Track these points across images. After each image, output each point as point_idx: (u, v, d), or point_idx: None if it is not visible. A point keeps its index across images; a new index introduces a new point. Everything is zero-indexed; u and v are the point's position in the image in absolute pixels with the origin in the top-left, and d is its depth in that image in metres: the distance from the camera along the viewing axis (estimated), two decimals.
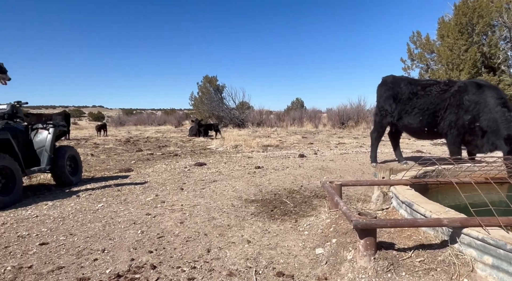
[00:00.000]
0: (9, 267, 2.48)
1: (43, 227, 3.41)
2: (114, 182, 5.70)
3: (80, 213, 3.89)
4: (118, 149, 11.54)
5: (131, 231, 3.25)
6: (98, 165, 8.00)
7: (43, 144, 5.30)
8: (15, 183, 4.43)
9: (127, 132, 21.79)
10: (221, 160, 8.38)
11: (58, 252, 2.76)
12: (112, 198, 4.57)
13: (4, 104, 5.05)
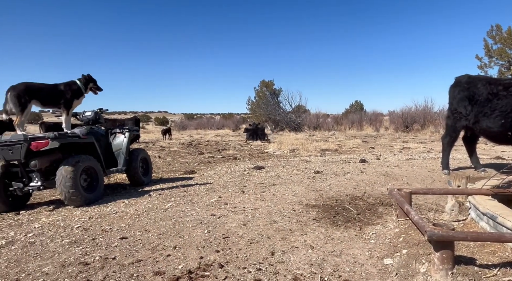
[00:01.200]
0: (97, 257, 2.78)
1: (122, 222, 3.76)
2: (180, 183, 6.06)
3: (153, 211, 4.21)
4: (182, 152, 12.25)
5: (199, 230, 3.43)
6: (165, 167, 8.57)
7: (120, 147, 5.85)
8: (98, 182, 4.95)
9: (189, 135, 23.01)
10: (279, 164, 8.42)
11: (136, 246, 3.03)
12: (180, 198, 4.87)
13: (89, 111, 5.69)
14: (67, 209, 4.46)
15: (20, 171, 4.58)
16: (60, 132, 4.76)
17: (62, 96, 5.01)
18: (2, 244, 3.13)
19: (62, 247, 3.06)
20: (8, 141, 4.31)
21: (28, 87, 4.77)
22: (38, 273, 2.53)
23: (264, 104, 25.06)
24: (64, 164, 4.49)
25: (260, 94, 25.95)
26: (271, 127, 24.78)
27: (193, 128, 34.75)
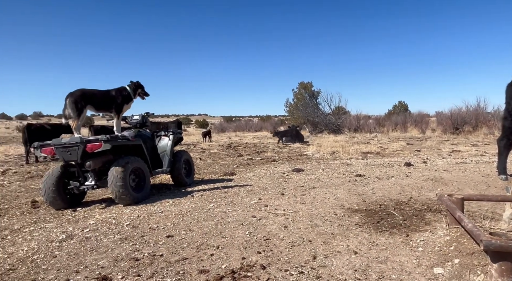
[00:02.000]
0: (146, 254, 2.94)
1: (168, 221, 3.94)
2: (221, 184, 6.20)
3: (196, 211, 4.35)
4: (221, 154, 12.51)
5: (240, 231, 3.49)
6: (205, 168, 8.82)
7: (165, 149, 6.12)
8: (145, 182, 5.22)
9: (228, 138, 23.43)
10: (319, 166, 8.30)
11: (181, 245, 3.16)
12: (221, 199, 4.98)
13: (137, 115, 6.03)
14: (118, 207, 4.75)
15: (76, 171, 4.96)
16: (112, 134, 5.08)
17: (114, 101, 5.36)
18: (62, 238, 3.41)
19: (114, 243, 3.27)
20: (67, 143, 4.69)
21: (84, 94, 5.16)
22: (94, 266, 2.72)
23: (302, 106, 24.84)
24: (115, 165, 4.79)
25: (298, 96, 25.77)
26: (310, 129, 24.49)
27: (231, 130, 35.33)
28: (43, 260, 2.89)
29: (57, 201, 4.77)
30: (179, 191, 5.84)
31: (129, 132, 5.74)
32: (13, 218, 4.42)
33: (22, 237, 3.55)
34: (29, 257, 2.95)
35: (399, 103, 31.57)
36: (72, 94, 5.11)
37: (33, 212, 4.74)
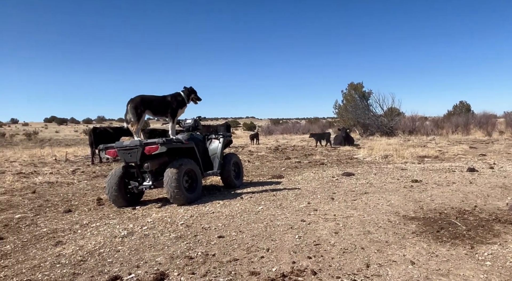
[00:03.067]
0: (200, 253, 3.06)
1: (219, 222, 4.06)
2: (269, 187, 6.24)
3: (245, 213, 4.43)
4: (269, 156, 12.58)
5: (289, 235, 3.48)
6: (254, 171, 8.93)
7: (215, 152, 6.32)
8: (197, 183, 5.44)
9: (275, 140, 23.49)
10: (370, 171, 7.98)
11: (232, 246, 3.24)
12: (269, 202, 5.01)
13: (190, 119, 6.31)
14: (172, 207, 5.00)
15: (136, 172, 5.32)
16: (167, 138, 5.38)
17: (169, 106, 5.66)
18: (124, 234, 3.68)
19: (170, 240, 3.45)
20: (127, 146, 5.05)
21: (143, 99, 5.53)
22: (153, 262, 2.90)
23: (352, 108, 24.06)
24: (170, 166, 5.06)
25: (348, 97, 25.02)
26: (360, 132, 23.64)
27: (279, 133, 35.37)
28: (108, 253, 3.15)
29: (119, 200, 5.16)
30: (229, 192, 5.99)
31: (182, 135, 6.02)
32: (82, 214, 4.87)
33: (90, 232, 3.90)
34: (97, 250, 3.23)
35: (460, 103, 29.19)
36: (132, 100, 5.49)
37: (98, 209, 5.17)
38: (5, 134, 38.98)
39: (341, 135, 16.63)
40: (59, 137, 37.39)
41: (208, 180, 7.38)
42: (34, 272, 2.77)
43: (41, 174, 8.77)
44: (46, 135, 40.38)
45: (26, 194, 6.31)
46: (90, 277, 2.64)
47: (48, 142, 27.60)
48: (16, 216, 4.75)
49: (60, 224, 4.30)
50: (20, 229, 4.15)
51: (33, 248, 3.43)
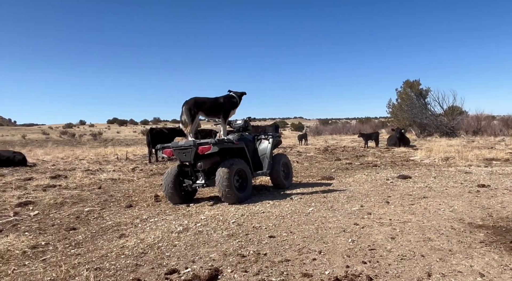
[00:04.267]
0: (251, 251, 3.11)
1: (269, 222, 4.08)
2: (319, 188, 6.13)
3: (295, 214, 4.40)
4: (318, 157, 12.37)
5: (342, 238, 3.39)
6: (302, 172, 8.84)
7: (265, 152, 6.37)
8: (247, 183, 5.53)
9: (324, 141, 23.02)
10: (429, 174, 7.47)
11: (283, 246, 3.23)
12: (320, 204, 4.92)
13: (240, 120, 6.43)
14: (223, 205, 5.14)
15: (190, 170, 5.56)
16: (219, 138, 5.54)
17: (222, 108, 5.83)
18: (180, 230, 3.87)
19: (222, 238, 3.55)
20: (182, 146, 5.30)
21: (196, 101, 5.76)
22: (207, 258, 3.01)
23: (408, 107, 22.71)
24: (221, 166, 5.21)
25: (403, 96, 23.67)
26: (416, 132, 22.24)
27: (328, 133, 34.62)
28: (166, 247, 3.33)
29: (174, 197, 5.43)
30: (278, 193, 6.00)
31: (233, 135, 6.16)
32: (141, 209, 5.21)
33: (149, 226, 4.16)
34: (156, 244, 3.43)
35: None
36: (187, 102, 5.75)
37: (156, 205, 5.49)
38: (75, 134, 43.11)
39: (395, 135, 15.81)
40: (120, 137, 40.40)
41: (258, 180, 7.45)
42: (102, 261, 3.02)
43: (105, 171, 9.55)
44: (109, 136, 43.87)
45: (93, 190, 6.91)
46: (151, 269, 2.81)
47: (111, 142, 29.99)
48: (86, 209, 5.23)
49: (123, 218, 4.64)
50: (89, 221, 4.56)
51: (101, 239, 3.75)
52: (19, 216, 4.84)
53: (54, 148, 20.30)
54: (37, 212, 5.03)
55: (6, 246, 3.44)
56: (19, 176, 8.58)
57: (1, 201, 5.75)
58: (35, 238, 3.77)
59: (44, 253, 3.33)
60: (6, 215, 4.89)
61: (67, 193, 6.43)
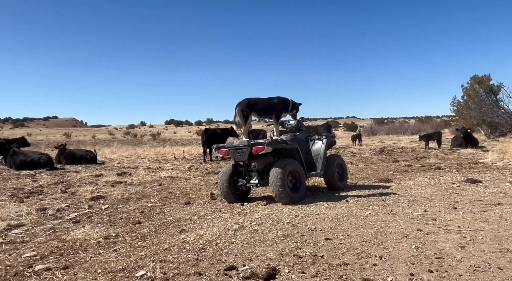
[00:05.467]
0: (308, 253, 3.07)
1: (325, 224, 4.00)
2: (376, 191, 5.86)
3: (352, 217, 4.26)
4: (373, 158, 11.83)
5: (404, 244, 3.20)
6: (357, 173, 8.52)
7: (318, 152, 6.26)
8: (300, 184, 5.49)
9: (380, 141, 21.95)
10: (504, 178, 6.74)
11: (341, 249, 3.15)
12: (378, 207, 4.71)
13: (293, 120, 6.40)
14: (277, 205, 5.15)
15: (244, 170, 5.67)
16: (273, 138, 5.57)
17: (275, 108, 5.86)
18: (236, 228, 3.96)
19: (278, 238, 3.56)
20: (237, 146, 5.42)
21: (249, 102, 5.85)
22: (263, 257, 3.04)
23: (475, 104, 20.71)
24: (275, 166, 5.23)
25: (470, 93, 21.64)
26: (486, 132, 20.22)
27: (383, 133, 32.93)
28: (223, 244, 3.43)
29: (229, 195, 5.58)
30: (333, 194, 5.86)
31: (286, 136, 6.15)
32: (199, 206, 5.44)
33: (207, 223, 4.33)
34: (214, 240, 3.56)
35: None
36: (240, 103, 5.87)
37: (212, 202, 5.69)
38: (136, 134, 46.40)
39: (459, 135, 14.54)
40: (176, 137, 42.60)
41: (311, 181, 7.36)
42: (166, 254, 3.21)
43: (164, 169, 10.13)
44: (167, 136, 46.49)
45: (154, 186, 7.38)
46: (210, 264, 2.92)
47: (168, 142, 31.77)
48: (149, 204, 5.60)
49: (182, 214, 4.88)
50: (152, 216, 4.87)
51: (163, 233, 3.99)
52: (92, 209, 5.35)
53: (119, 147, 22.06)
54: (107, 206, 5.50)
55: (83, 235, 3.82)
56: (91, 172, 9.47)
57: (77, 195, 6.40)
58: (107, 230, 4.13)
59: (115, 244, 3.63)
60: (82, 207, 5.43)
61: (132, 189, 6.94)
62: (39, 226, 4.37)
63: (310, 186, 6.89)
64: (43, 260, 3.19)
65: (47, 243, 3.70)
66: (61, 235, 3.98)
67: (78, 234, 3.88)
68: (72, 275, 2.81)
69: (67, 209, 5.29)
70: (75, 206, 5.53)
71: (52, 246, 3.58)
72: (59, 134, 46.24)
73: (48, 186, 7.36)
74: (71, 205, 5.57)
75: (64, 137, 38.68)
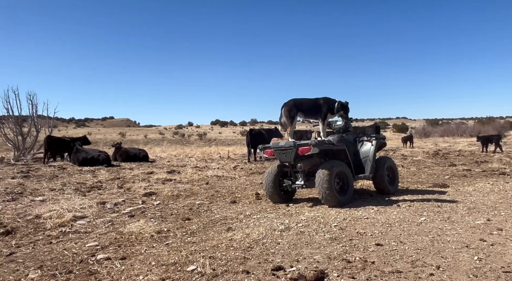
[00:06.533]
0: (357, 258, 2.97)
1: (374, 229, 3.84)
2: (431, 196, 5.50)
3: (405, 223, 4.04)
4: (427, 162, 11.14)
5: (465, 255, 2.96)
6: (409, 177, 8.07)
7: (367, 154, 6.03)
8: (348, 186, 5.33)
9: (434, 144, 20.61)
10: None
11: (393, 256, 3.00)
12: (433, 214, 4.42)
13: (340, 121, 6.23)
14: (323, 207, 5.05)
15: (289, 171, 5.64)
16: (320, 139, 5.47)
17: (321, 109, 5.76)
18: (282, 229, 3.95)
19: (325, 241, 3.49)
20: (283, 147, 5.41)
21: (295, 103, 5.81)
22: (311, 259, 3.00)
23: None
24: (321, 167, 5.13)
25: None
26: None
27: (437, 135, 30.88)
28: (270, 244, 3.44)
29: (274, 196, 5.58)
30: (382, 198, 5.61)
31: (333, 137, 6.01)
32: (244, 205, 5.51)
33: (253, 222, 4.37)
34: (260, 240, 3.58)
35: None
36: (286, 104, 5.85)
37: (257, 202, 5.74)
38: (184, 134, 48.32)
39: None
40: (221, 137, 43.66)
41: (358, 184, 7.11)
42: (214, 251, 3.30)
43: (210, 168, 10.43)
44: (212, 136, 47.83)
45: (202, 185, 7.62)
46: (258, 263, 2.94)
47: (214, 142, 32.67)
48: (197, 202, 5.79)
49: (229, 213, 4.98)
50: (200, 213, 5.04)
51: (211, 230, 4.10)
52: (145, 204, 5.67)
53: (168, 146, 23.14)
54: (159, 202, 5.79)
55: (138, 229, 4.06)
56: (143, 170, 10.04)
57: (132, 191, 6.82)
58: (159, 225, 4.35)
59: (166, 238, 3.81)
60: (136, 203, 5.77)
61: (180, 187, 7.23)
62: (99, 218, 4.73)
63: (358, 189, 6.67)
64: (103, 250, 3.44)
65: (107, 234, 3.99)
66: (118, 227, 4.27)
67: (133, 227, 4.13)
68: (129, 266, 3.00)
69: (123, 204, 5.66)
70: (130, 201, 5.90)
71: (111, 237, 3.85)
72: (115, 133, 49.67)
73: (106, 182, 7.93)
74: (126, 200, 5.94)
75: (119, 136, 41.48)
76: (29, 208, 5.26)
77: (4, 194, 6.30)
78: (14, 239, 3.88)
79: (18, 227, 4.27)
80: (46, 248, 3.57)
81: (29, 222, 4.50)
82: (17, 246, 3.66)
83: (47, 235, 4.01)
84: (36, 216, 4.73)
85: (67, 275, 2.86)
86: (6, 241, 3.80)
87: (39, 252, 3.46)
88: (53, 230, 4.15)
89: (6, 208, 5.25)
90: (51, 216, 4.60)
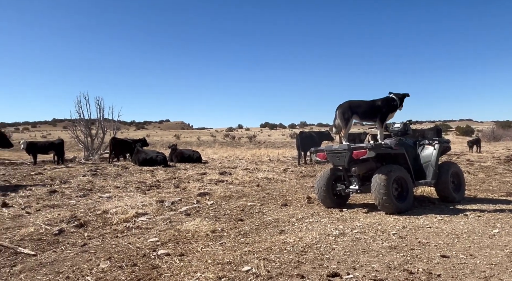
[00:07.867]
0: (420, 269, 2.78)
1: (439, 239, 3.56)
2: (505, 206, 4.97)
3: (474, 234, 3.70)
4: (498, 168, 10.09)
5: None
6: (477, 185, 7.38)
7: (429, 159, 5.63)
8: (407, 192, 5.01)
9: (506, 148, 18.60)
10: None
11: (463, 270, 2.75)
12: (509, 226, 3.98)
13: (398, 123, 5.90)
14: (380, 214, 4.81)
15: (343, 175, 5.47)
16: (377, 142, 5.23)
17: (379, 111, 5.51)
18: (336, 234, 3.84)
19: (383, 249, 3.32)
20: (336, 150, 5.27)
21: (350, 105, 5.63)
22: (369, 267, 2.87)
23: None
24: (378, 172, 4.89)
25: None
26: None
27: (509, 139, 27.82)
28: (324, 249, 3.36)
29: (327, 200, 5.45)
30: (447, 207, 5.19)
31: (390, 140, 5.71)
32: (296, 208, 5.46)
33: (305, 226, 4.31)
34: (314, 244, 3.52)
35: None
36: (341, 106, 5.69)
37: (309, 206, 5.65)
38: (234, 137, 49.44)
39: None
40: (270, 140, 43.83)
41: (418, 190, 6.66)
42: (268, 253, 3.31)
43: (261, 170, 10.51)
44: (261, 138, 48.24)
45: (252, 186, 7.71)
46: (312, 268, 2.89)
47: (263, 144, 32.93)
48: (248, 203, 5.87)
49: (280, 215, 4.97)
50: (252, 215, 5.09)
51: (263, 232, 4.13)
52: (200, 204, 5.89)
53: (220, 148, 23.84)
54: (212, 202, 5.98)
55: (194, 227, 4.22)
56: (197, 171, 10.45)
57: (187, 191, 7.12)
58: (213, 224, 4.48)
59: (221, 238, 3.92)
60: (191, 202, 6.02)
61: (232, 188, 7.39)
62: (159, 215, 5.01)
63: (418, 196, 6.24)
64: (163, 246, 3.64)
65: (166, 231, 4.21)
66: (176, 225, 4.48)
67: (190, 225, 4.30)
68: (187, 262, 3.13)
69: (179, 203, 5.93)
70: (186, 200, 6.17)
71: (170, 234, 4.06)
72: (171, 136, 52.40)
73: (164, 181, 8.39)
74: (182, 199, 6.23)
75: (174, 138, 43.66)
76: (98, 203, 5.75)
77: (77, 190, 6.98)
78: (86, 231, 4.27)
79: (89, 221, 4.69)
80: (113, 241, 3.87)
81: (98, 217, 4.92)
82: (89, 238, 4.02)
83: (114, 229, 4.35)
84: (104, 211, 5.15)
85: (132, 267, 3.07)
86: (80, 233, 4.20)
87: (107, 244, 3.76)
88: (118, 225, 4.50)
89: (79, 203, 5.81)
90: (117, 212, 4.98)
